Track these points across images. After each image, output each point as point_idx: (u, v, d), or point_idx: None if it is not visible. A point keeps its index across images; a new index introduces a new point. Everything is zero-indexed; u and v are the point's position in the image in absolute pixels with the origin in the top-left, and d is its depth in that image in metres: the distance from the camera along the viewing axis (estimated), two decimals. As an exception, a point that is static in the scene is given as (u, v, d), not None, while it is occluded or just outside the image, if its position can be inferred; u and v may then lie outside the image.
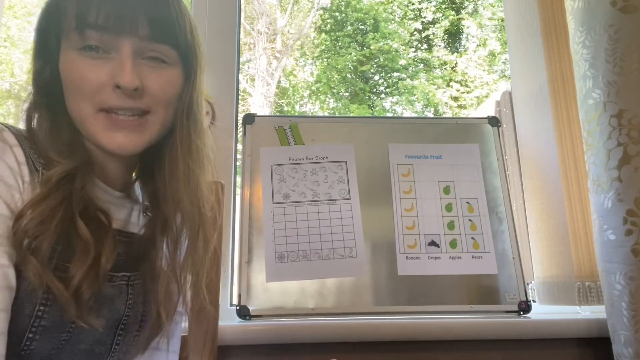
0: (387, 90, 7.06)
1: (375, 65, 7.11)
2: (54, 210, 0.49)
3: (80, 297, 0.50)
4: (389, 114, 6.91)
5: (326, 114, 6.93)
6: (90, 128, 0.54)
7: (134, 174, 0.66)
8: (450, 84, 6.76)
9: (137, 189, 0.67)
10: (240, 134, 1.12)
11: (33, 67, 0.57)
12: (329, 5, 7.31)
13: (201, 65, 0.61)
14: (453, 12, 7.20)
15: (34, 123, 0.56)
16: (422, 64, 7.19)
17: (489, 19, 6.86)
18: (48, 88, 0.56)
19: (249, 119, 1.09)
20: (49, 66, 0.56)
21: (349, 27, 7.27)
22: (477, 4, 7.22)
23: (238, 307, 0.95)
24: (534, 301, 1.06)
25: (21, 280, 0.48)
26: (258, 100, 6.32)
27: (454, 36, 7.21)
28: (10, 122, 0.58)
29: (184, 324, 0.78)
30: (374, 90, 7.13)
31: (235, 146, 1.14)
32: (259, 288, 0.97)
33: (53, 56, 0.55)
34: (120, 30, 0.53)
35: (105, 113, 0.53)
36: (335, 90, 6.99)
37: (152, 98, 0.55)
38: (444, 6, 7.30)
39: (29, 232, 0.47)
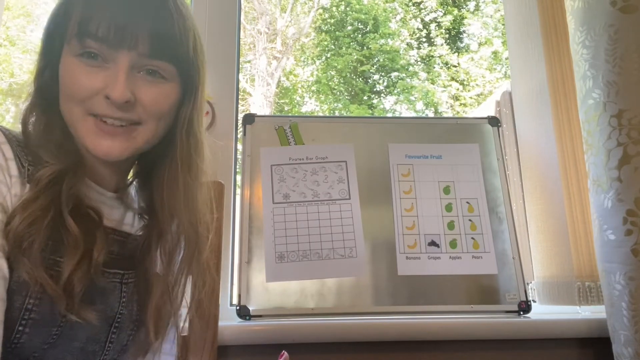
0: (387, 90, 7.06)
1: (375, 65, 7.11)
2: (44, 211, 0.50)
3: (71, 290, 0.50)
4: (389, 114, 6.91)
5: (326, 114, 6.93)
6: (79, 131, 0.54)
7: (129, 177, 0.66)
8: (451, 83, 6.76)
9: (132, 191, 0.67)
10: (240, 134, 1.12)
11: (36, 67, 0.57)
12: (329, 4, 7.31)
13: (202, 81, 0.61)
14: (455, 9, 7.20)
15: (30, 123, 0.56)
16: (423, 64, 7.19)
17: (492, 15, 6.87)
18: (46, 89, 0.57)
19: (249, 119, 1.09)
20: (49, 68, 0.57)
21: (349, 27, 7.27)
22: (478, 2, 7.22)
23: (238, 307, 0.95)
24: (534, 301, 1.06)
25: (11, 273, 0.48)
26: (258, 100, 6.31)
27: (455, 35, 7.21)
28: (9, 121, 0.58)
29: (184, 324, 0.78)
30: (374, 90, 7.13)
31: (235, 146, 1.14)
32: (259, 288, 0.97)
33: (55, 58, 0.56)
34: (119, 45, 0.52)
35: (94, 118, 0.54)
36: (335, 90, 6.99)
37: (144, 110, 0.55)
38: (445, 5, 7.30)
39: (20, 233, 0.48)
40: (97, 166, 0.60)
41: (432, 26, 7.29)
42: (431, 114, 6.75)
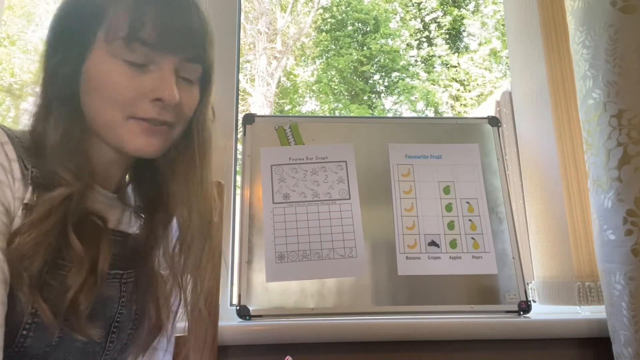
0: (388, 90, 7.05)
1: (375, 66, 7.11)
2: (50, 232, 0.49)
3: (77, 309, 0.50)
4: (389, 114, 6.91)
5: (326, 114, 6.93)
6: (117, 133, 0.54)
7: (127, 177, 0.66)
8: (452, 83, 6.76)
9: (128, 190, 0.67)
10: (240, 134, 1.12)
11: (46, 63, 0.54)
12: (329, 4, 7.31)
13: (213, 79, 0.62)
14: (455, 9, 7.20)
15: (41, 128, 0.54)
16: (423, 64, 7.19)
17: (491, 15, 6.87)
18: (63, 88, 0.54)
19: (249, 119, 1.09)
20: (69, 65, 0.53)
21: (350, 27, 7.27)
22: (478, 3, 7.22)
23: (238, 307, 0.95)
24: (534, 301, 1.06)
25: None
26: (258, 100, 6.32)
27: (455, 35, 7.21)
28: (9, 121, 0.58)
29: (184, 324, 0.78)
30: (374, 90, 7.13)
31: (235, 146, 1.14)
32: (259, 288, 0.97)
33: (75, 55, 0.53)
34: (167, 50, 0.53)
35: (135, 120, 0.54)
36: (335, 90, 6.99)
37: (179, 113, 0.57)
38: (445, 5, 7.30)
39: (22, 252, 0.47)
40: (109, 168, 0.60)
41: (432, 26, 7.29)
42: (431, 114, 6.74)
